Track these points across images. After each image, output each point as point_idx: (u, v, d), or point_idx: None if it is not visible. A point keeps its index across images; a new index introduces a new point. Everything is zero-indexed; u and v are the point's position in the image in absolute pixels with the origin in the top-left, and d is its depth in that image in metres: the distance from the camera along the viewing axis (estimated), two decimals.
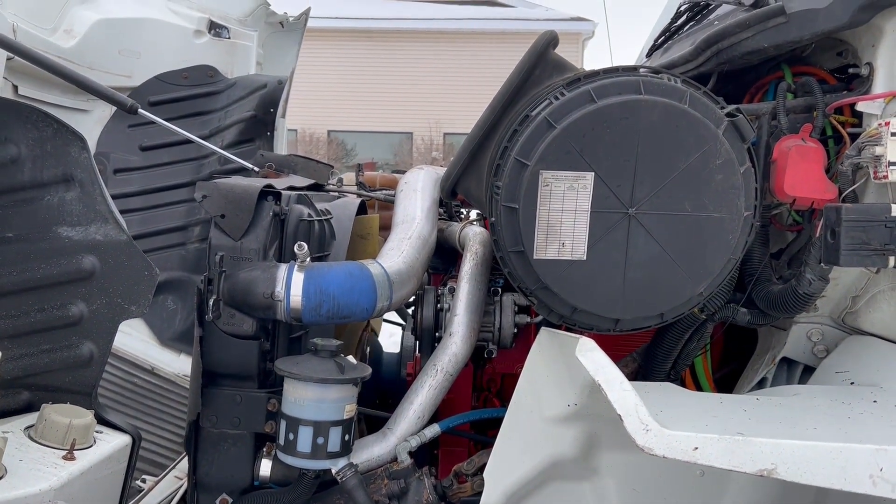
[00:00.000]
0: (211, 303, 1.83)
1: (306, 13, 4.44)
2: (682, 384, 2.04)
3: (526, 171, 1.60)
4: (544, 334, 1.78)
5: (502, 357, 2.39)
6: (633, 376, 2.00)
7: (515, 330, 2.21)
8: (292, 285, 1.85)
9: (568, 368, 1.65)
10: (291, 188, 2.24)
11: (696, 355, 2.02)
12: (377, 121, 21.97)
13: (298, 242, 1.88)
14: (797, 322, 1.96)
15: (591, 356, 1.37)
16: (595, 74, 1.64)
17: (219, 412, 1.94)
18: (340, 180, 3.17)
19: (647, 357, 1.94)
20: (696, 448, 1.22)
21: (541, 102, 1.66)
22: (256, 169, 2.95)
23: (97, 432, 1.71)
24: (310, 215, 2.12)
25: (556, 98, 1.62)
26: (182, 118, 3.84)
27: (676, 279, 1.64)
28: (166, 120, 3.91)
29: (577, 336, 1.46)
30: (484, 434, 2.38)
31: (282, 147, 4.30)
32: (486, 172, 1.80)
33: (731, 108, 1.63)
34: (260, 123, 3.83)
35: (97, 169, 1.75)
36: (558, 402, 1.68)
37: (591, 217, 1.60)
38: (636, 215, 1.60)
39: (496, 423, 1.85)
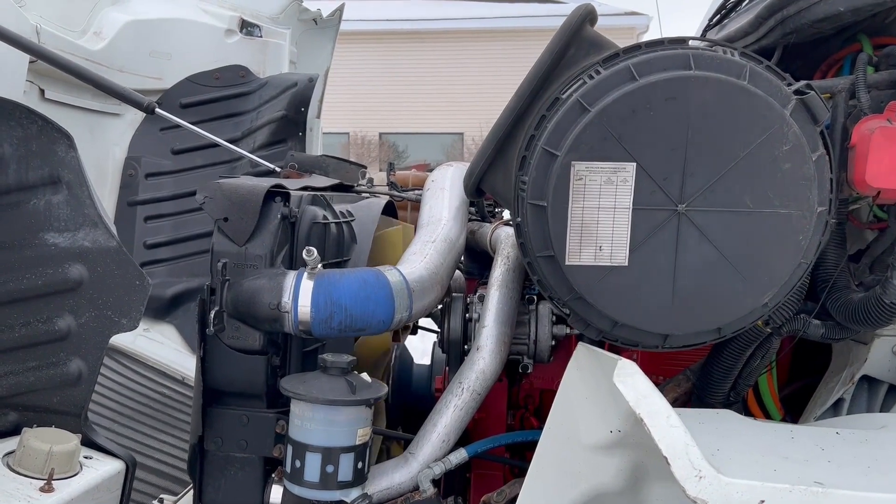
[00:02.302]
0: (212, 314, 1.67)
1: (340, 9, 4.29)
2: (744, 406, 1.78)
3: (555, 162, 1.37)
4: (582, 350, 1.56)
5: (540, 371, 2.18)
6: (686, 398, 1.75)
7: (553, 342, 1.99)
8: (300, 295, 1.67)
9: (609, 390, 1.44)
10: (307, 188, 2.07)
11: (760, 374, 1.76)
12: (428, 122, 21.92)
13: (307, 247, 1.70)
14: (880, 335, 1.69)
15: (632, 383, 1.15)
16: (636, 48, 1.41)
17: (224, 433, 1.78)
18: (371, 180, 3.00)
19: (702, 376, 1.69)
20: (763, 502, 0.98)
21: (573, 83, 1.43)
22: (278, 169, 2.80)
23: (85, 458, 1.55)
24: (325, 217, 1.94)
25: (591, 77, 1.39)
26: (214, 120, 3.76)
27: (736, 287, 1.40)
28: (198, 122, 3.82)
29: (616, 357, 1.23)
30: (521, 456, 2.16)
31: (317, 148, 4.18)
32: (513, 166, 1.59)
33: (801, 84, 1.38)
34: (291, 123, 3.72)
35: (85, 169, 1.60)
36: (599, 427, 1.47)
37: (634, 215, 1.37)
38: (687, 213, 1.36)
39: (533, 445, 1.64)
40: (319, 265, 1.73)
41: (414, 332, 2.93)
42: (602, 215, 1.38)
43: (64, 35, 3.14)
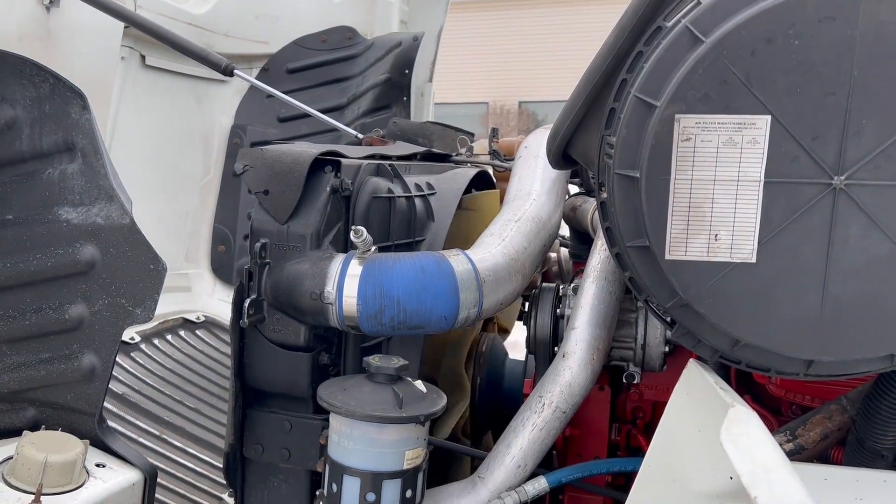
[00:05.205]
0: (247, 304, 1.42)
1: None
2: None
3: (653, 115, 0.99)
4: (694, 371, 1.18)
5: (652, 380, 1.79)
6: (839, 436, 1.31)
7: (667, 348, 1.60)
8: (346, 284, 1.39)
9: None
10: (372, 157, 1.77)
11: None
12: (568, 90, 21.18)
13: (354, 227, 1.41)
14: None
15: (745, 444, 0.76)
16: None
17: (265, 440, 1.55)
18: (471, 149, 2.67)
19: (865, 410, 1.25)
20: None
21: (686, 6, 1.03)
22: (361, 136, 2.53)
23: (98, 466, 1.36)
24: (390, 191, 1.64)
25: None
26: (320, 86, 3.58)
27: None
28: (305, 88, 3.63)
29: (730, 397, 0.85)
30: (627, 478, 1.79)
31: (428, 114, 3.91)
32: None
33: None
34: (395, 87, 3.46)
35: (99, 134, 1.38)
36: (714, 471, 1.09)
37: (766, 191, 0.97)
38: (848, 188, 0.94)
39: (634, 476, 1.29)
40: (373, 248, 1.44)
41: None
42: (720, 191, 0.98)
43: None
